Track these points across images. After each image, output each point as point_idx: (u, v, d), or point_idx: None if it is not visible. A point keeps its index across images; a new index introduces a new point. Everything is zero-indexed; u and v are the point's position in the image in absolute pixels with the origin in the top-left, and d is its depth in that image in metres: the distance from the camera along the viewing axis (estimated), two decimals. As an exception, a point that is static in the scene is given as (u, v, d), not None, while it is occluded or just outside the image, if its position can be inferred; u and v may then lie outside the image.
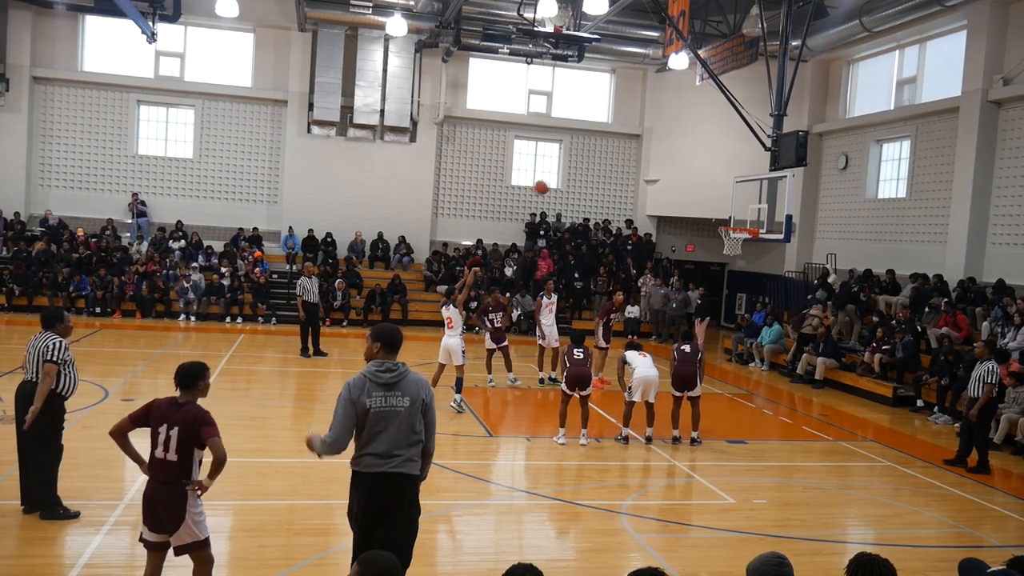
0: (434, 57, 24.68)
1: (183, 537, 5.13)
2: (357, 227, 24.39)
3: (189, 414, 5.12)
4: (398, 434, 4.92)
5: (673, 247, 27.24)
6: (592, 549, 7.53)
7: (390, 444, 4.90)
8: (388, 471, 4.90)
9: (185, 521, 5.09)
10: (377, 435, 4.88)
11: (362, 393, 4.88)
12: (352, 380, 4.95)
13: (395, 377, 4.96)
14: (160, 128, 24.27)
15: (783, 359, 18.96)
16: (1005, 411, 12.32)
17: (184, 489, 5.10)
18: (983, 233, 17.94)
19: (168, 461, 5.11)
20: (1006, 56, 17.58)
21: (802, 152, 15.43)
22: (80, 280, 20.57)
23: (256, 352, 17.44)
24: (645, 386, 11.09)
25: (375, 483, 4.91)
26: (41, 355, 7.07)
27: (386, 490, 4.91)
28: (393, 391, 4.93)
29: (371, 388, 4.89)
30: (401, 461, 4.93)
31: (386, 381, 4.93)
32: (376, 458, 4.88)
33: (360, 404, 4.85)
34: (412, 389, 5.00)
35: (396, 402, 4.92)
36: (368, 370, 4.97)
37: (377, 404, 4.88)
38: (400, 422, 4.92)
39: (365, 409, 4.86)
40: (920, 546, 8.01)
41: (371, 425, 4.88)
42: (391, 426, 4.90)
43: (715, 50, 20.06)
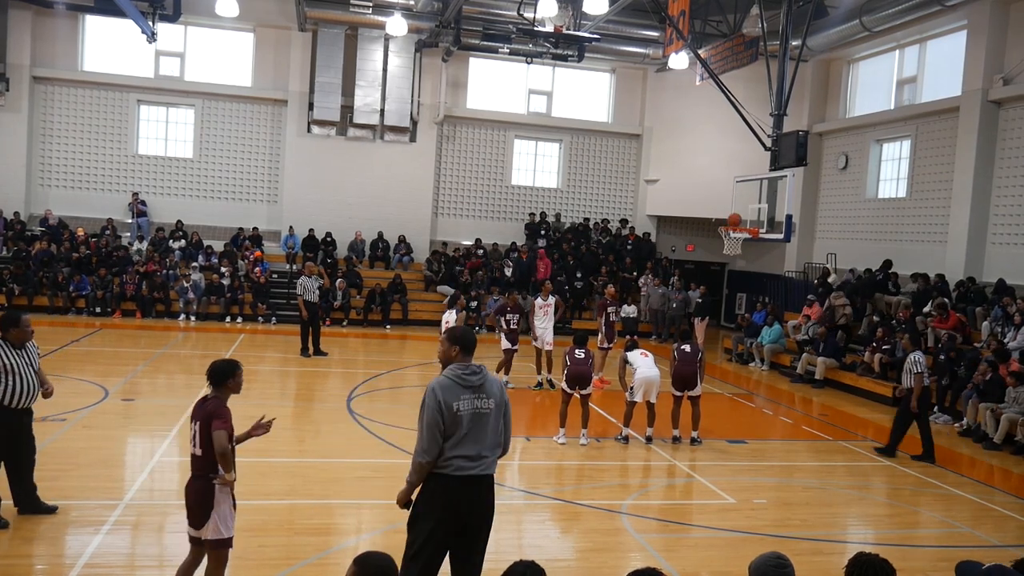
0: (434, 57, 24.68)
1: (208, 532, 5.25)
2: (357, 227, 24.39)
3: (207, 409, 5.28)
4: (486, 436, 4.93)
5: (673, 247, 27.24)
6: (592, 549, 7.53)
7: (479, 446, 4.90)
8: (478, 474, 4.89)
9: (212, 516, 5.22)
10: (466, 438, 4.85)
11: (452, 396, 4.83)
12: (439, 383, 4.87)
13: (481, 379, 4.95)
14: (160, 128, 24.26)
15: (784, 359, 18.98)
16: (1005, 411, 12.32)
17: (211, 483, 5.23)
18: (983, 233, 17.93)
19: (195, 456, 5.30)
20: (1006, 56, 17.57)
21: (802, 152, 15.43)
22: (80, 280, 20.56)
23: (256, 352, 17.44)
24: (647, 386, 11.10)
25: (466, 486, 4.86)
26: None
27: (476, 493, 4.91)
28: (479, 394, 4.92)
29: (459, 391, 4.87)
30: (489, 463, 4.97)
31: (474, 384, 4.92)
32: (467, 461, 4.85)
33: (449, 407, 4.80)
34: (495, 391, 5.03)
35: (483, 404, 4.92)
36: (454, 373, 4.92)
37: (466, 407, 4.86)
38: (487, 424, 4.94)
39: (454, 412, 4.81)
40: (920, 546, 8.01)
41: (461, 428, 4.83)
42: (480, 428, 4.90)
43: (715, 50, 20.06)
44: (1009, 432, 12.20)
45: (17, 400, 6.93)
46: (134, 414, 11.35)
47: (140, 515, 7.51)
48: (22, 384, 6.94)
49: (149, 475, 8.59)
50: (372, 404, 12.77)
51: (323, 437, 10.90)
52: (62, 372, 12.94)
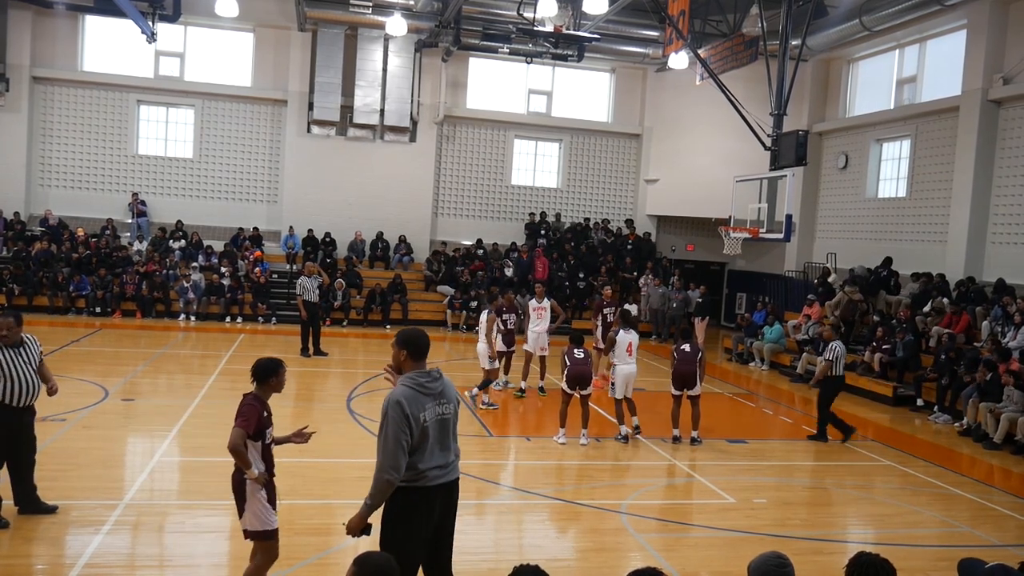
0: (434, 57, 24.68)
1: (246, 524, 5.42)
2: (357, 227, 24.39)
3: (239, 405, 5.40)
4: (450, 440, 4.87)
5: (673, 247, 27.24)
6: (592, 549, 7.53)
7: (447, 453, 4.83)
8: (451, 479, 4.86)
9: (246, 508, 5.37)
10: (436, 446, 4.74)
11: (417, 407, 4.64)
12: (402, 394, 4.63)
13: (440, 385, 4.80)
14: (160, 128, 24.27)
15: (784, 359, 18.99)
16: (1004, 411, 12.32)
17: (243, 477, 5.35)
18: (983, 232, 17.93)
19: None
20: (1006, 55, 17.57)
21: (802, 151, 15.42)
22: (80, 280, 20.57)
23: (256, 352, 17.34)
24: (627, 380, 11.10)
25: (442, 494, 4.82)
26: None
27: (450, 497, 4.90)
28: (440, 400, 4.78)
29: (423, 400, 4.68)
30: (456, 465, 4.93)
31: (435, 391, 4.75)
32: (440, 470, 4.76)
33: (416, 419, 4.61)
34: (451, 393, 4.90)
35: (445, 410, 4.80)
36: (416, 382, 4.70)
37: (431, 416, 4.71)
38: (450, 429, 4.86)
39: (421, 424, 4.63)
40: (920, 545, 8.01)
41: (429, 438, 4.69)
42: (445, 435, 4.80)
43: (715, 49, 20.06)
44: (1009, 431, 12.20)
45: (13, 398, 6.92)
46: (134, 414, 11.35)
47: (140, 515, 7.51)
48: (16, 382, 6.91)
49: (149, 475, 8.59)
50: (372, 404, 12.76)
51: (323, 437, 10.84)
52: (62, 372, 12.91)
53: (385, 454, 4.56)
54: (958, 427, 13.45)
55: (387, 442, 4.55)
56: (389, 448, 4.54)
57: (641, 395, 11.20)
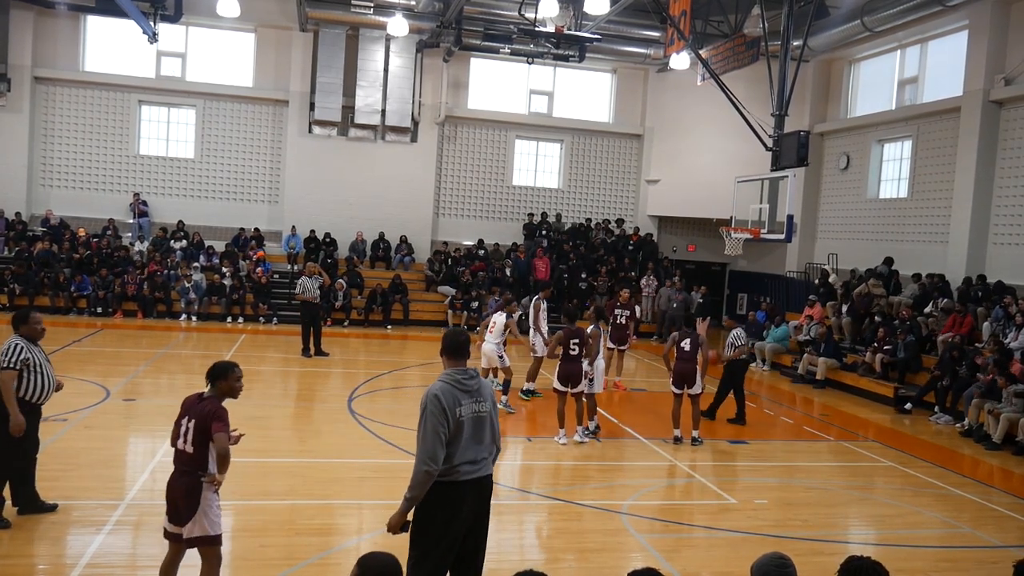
0: (435, 57, 24.69)
1: (194, 529, 5.24)
2: (358, 227, 24.39)
3: (205, 408, 5.30)
4: (484, 438, 4.96)
5: (674, 247, 27.24)
6: (593, 549, 7.53)
7: (480, 449, 4.93)
8: (481, 476, 4.93)
9: (198, 513, 5.21)
10: (469, 442, 4.85)
11: (454, 402, 4.80)
12: (439, 390, 4.82)
13: (477, 383, 4.96)
14: (161, 128, 24.28)
15: (786, 359, 18.99)
16: (1004, 411, 12.31)
17: (200, 481, 5.24)
18: (984, 233, 17.93)
19: (186, 452, 5.31)
20: (1007, 56, 17.56)
21: (803, 152, 15.41)
22: (81, 280, 20.58)
23: (257, 352, 17.44)
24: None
25: (473, 490, 4.88)
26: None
27: (480, 494, 4.95)
28: (477, 397, 4.91)
29: (460, 396, 4.84)
30: (488, 463, 5.01)
31: (472, 388, 4.91)
32: (472, 465, 4.86)
33: (453, 413, 4.77)
34: (488, 392, 5.04)
35: (481, 407, 4.93)
36: (453, 378, 4.89)
37: (467, 412, 4.85)
38: (485, 426, 4.96)
39: (457, 418, 4.79)
40: (921, 546, 8.00)
41: (464, 432, 4.82)
42: (479, 431, 4.91)
43: (716, 50, 20.06)
44: (1010, 432, 12.20)
45: (39, 396, 7.00)
46: (135, 414, 11.35)
47: (141, 515, 7.51)
48: (43, 380, 7.01)
49: (150, 475, 8.59)
50: (373, 404, 12.77)
51: (324, 437, 10.90)
52: (63, 372, 12.87)
53: (424, 446, 4.71)
54: (959, 428, 13.44)
55: (425, 434, 4.72)
56: (428, 440, 4.70)
57: (641, 395, 11.19)
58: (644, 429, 11.53)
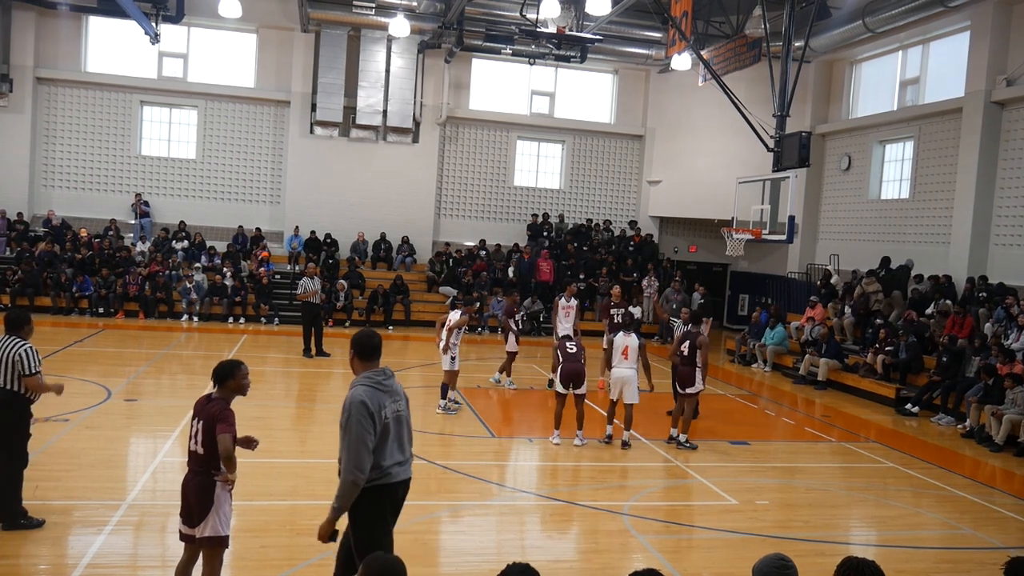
0: (437, 58, 24.70)
1: (206, 529, 5.27)
2: (360, 227, 24.40)
3: (212, 410, 5.32)
4: (407, 437, 4.99)
5: (676, 248, 27.23)
6: (594, 550, 7.53)
7: (405, 448, 4.95)
8: (409, 475, 4.97)
9: (211, 513, 5.24)
10: (395, 442, 4.85)
11: (377, 404, 4.76)
12: (364, 394, 4.75)
13: (393, 383, 4.95)
14: (163, 129, 24.30)
15: (787, 360, 18.98)
16: (1005, 412, 12.30)
17: (213, 480, 5.27)
18: (986, 234, 17.91)
19: (197, 453, 5.31)
20: (1009, 57, 17.55)
21: (805, 153, 15.41)
22: (83, 280, 20.60)
23: (259, 353, 17.45)
24: (618, 384, 10.89)
25: (403, 490, 4.92)
26: (16, 367, 6.73)
27: (405, 494, 4.99)
28: (395, 397, 4.91)
29: (382, 397, 4.81)
30: (411, 462, 5.03)
31: (391, 388, 4.90)
32: (400, 466, 4.88)
33: (380, 416, 4.74)
34: (402, 391, 5.03)
35: (400, 407, 4.93)
36: (373, 380, 4.84)
37: (391, 413, 4.83)
38: (405, 426, 4.97)
39: (383, 420, 4.76)
40: (922, 547, 8.00)
41: (390, 433, 4.81)
42: (401, 431, 4.91)
43: (718, 51, 20.05)
44: (1012, 434, 12.19)
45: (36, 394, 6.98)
46: (137, 415, 11.37)
47: (143, 515, 7.52)
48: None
49: (152, 475, 8.60)
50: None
51: (325, 438, 10.89)
52: (65, 372, 12.95)
53: (350, 455, 4.63)
54: (960, 429, 13.43)
55: (351, 443, 4.63)
56: (354, 449, 4.62)
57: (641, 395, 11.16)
58: (645, 430, 11.53)
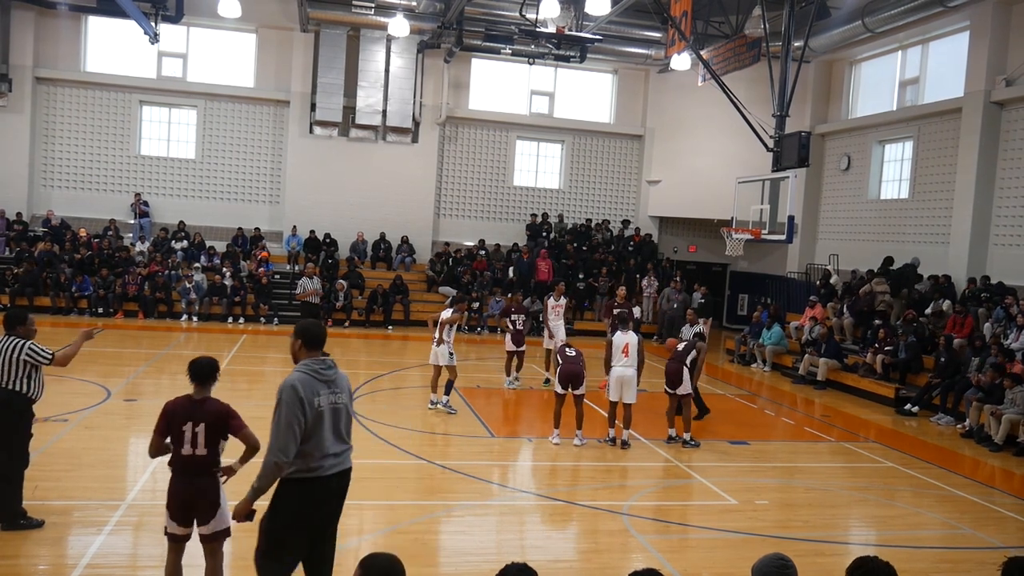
0: (436, 58, 24.69)
1: (218, 524, 5.33)
2: (359, 227, 24.40)
3: (214, 409, 5.36)
4: (344, 429, 4.87)
5: (675, 248, 27.23)
6: (594, 550, 7.53)
7: (340, 441, 4.84)
8: (344, 469, 4.87)
9: (220, 509, 5.31)
10: (329, 434, 4.76)
11: (311, 392, 4.69)
12: (297, 380, 4.69)
13: (334, 373, 4.86)
14: (162, 128, 24.29)
15: (786, 360, 18.99)
16: (1005, 412, 12.31)
17: (216, 479, 5.32)
18: (985, 234, 17.92)
19: (198, 456, 5.31)
20: (1009, 57, 17.56)
21: (804, 153, 15.42)
22: (82, 280, 20.59)
23: (258, 353, 17.45)
24: (618, 384, 10.88)
25: (334, 484, 4.82)
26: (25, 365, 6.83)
27: (341, 488, 4.90)
28: (333, 388, 4.82)
29: (318, 386, 4.73)
30: (349, 455, 4.92)
31: (329, 378, 4.81)
32: (335, 458, 4.79)
33: (311, 404, 4.67)
34: (345, 383, 4.94)
35: (338, 399, 4.83)
36: (311, 368, 4.76)
37: (326, 402, 4.75)
38: (342, 418, 4.87)
39: (316, 409, 4.68)
40: (922, 547, 8.00)
41: (323, 424, 4.72)
42: (339, 423, 4.83)
43: (717, 51, 20.05)
44: (1011, 433, 12.20)
45: (39, 394, 7.04)
46: (136, 415, 11.34)
47: (142, 515, 7.51)
48: (42, 378, 7.10)
49: (151, 475, 8.59)
50: (374, 405, 12.76)
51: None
52: (64, 373, 12.91)
53: (276, 437, 4.60)
54: (960, 429, 13.43)
55: (279, 426, 4.61)
56: (281, 431, 4.59)
57: (641, 395, 11.18)
58: (644, 430, 11.53)
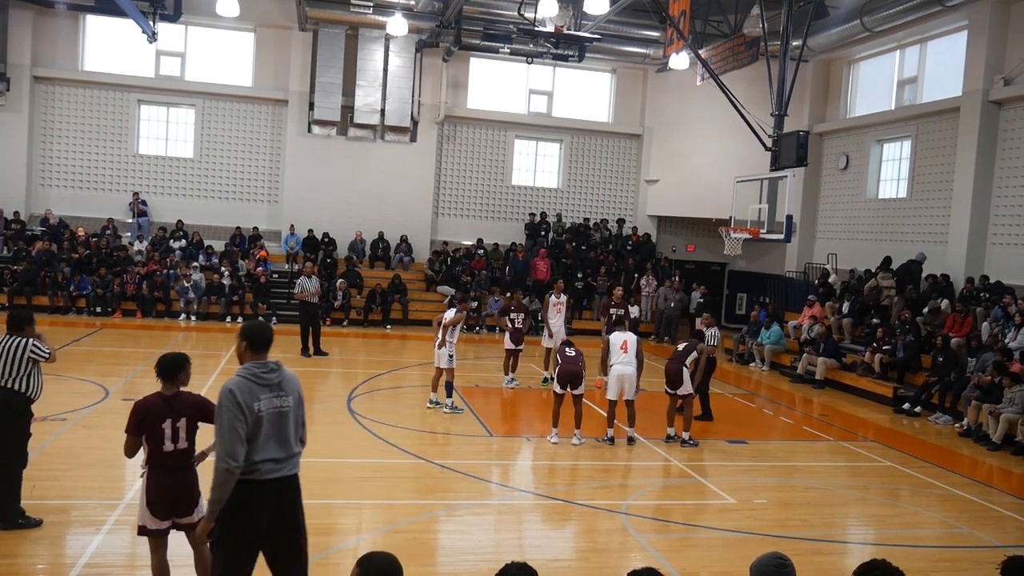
0: (435, 57, 24.68)
1: (197, 514, 5.40)
2: (358, 227, 24.39)
3: (191, 402, 5.43)
4: (289, 435, 4.77)
5: (674, 247, 27.23)
6: (593, 549, 7.53)
7: (285, 446, 4.73)
8: (287, 475, 4.74)
9: (200, 499, 5.39)
10: (270, 439, 4.65)
11: (251, 397, 4.59)
12: (235, 384, 4.60)
13: (278, 376, 4.75)
14: (161, 128, 24.27)
15: (785, 359, 19.01)
16: (1003, 411, 12.32)
17: (195, 467, 5.43)
18: (984, 233, 17.94)
19: (180, 450, 5.42)
20: (1007, 56, 17.57)
21: (803, 152, 15.43)
22: (81, 279, 20.57)
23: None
24: (619, 382, 10.87)
25: (277, 489, 4.69)
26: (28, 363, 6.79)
27: (285, 494, 4.75)
28: (278, 392, 4.72)
29: (258, 390, 4.63)
30: (295, 462, 4.81)
31: (272, 382, 4.71)
32: (275, 463, 4.66)
33: (250, 408, 4.57)
34: (292, 386, 4.82)
35: (283, 402, 4.73)
36: (251, 372, 4.67)
37: (267, 406, 4.64)
38: (289, 422, 4.76)
39: (256, 413, 4.58)
40: (920, 546, 8.01)
41: (264, 429, 4.61)
42: (282, 428, 4.72)
43: (716, 50, 20.06)
44: (1009, 432, 12.21)
45: (39, 393, 7.00)
46: (135, 414, 11.34)
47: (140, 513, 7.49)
48: (42, 378, 7.06)
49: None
50: (372, 404, 12.76)
51: (323, 437, 10.88)
52: (63, 372, 12.94)
53: (221, 443, 4.53)
54: (958, 428, 13.45)
55: (223, 432, 4.54)
56: (226, 436, 4.52)
57: (640, 395, 11.19)
58: (643, 429, 11.53)
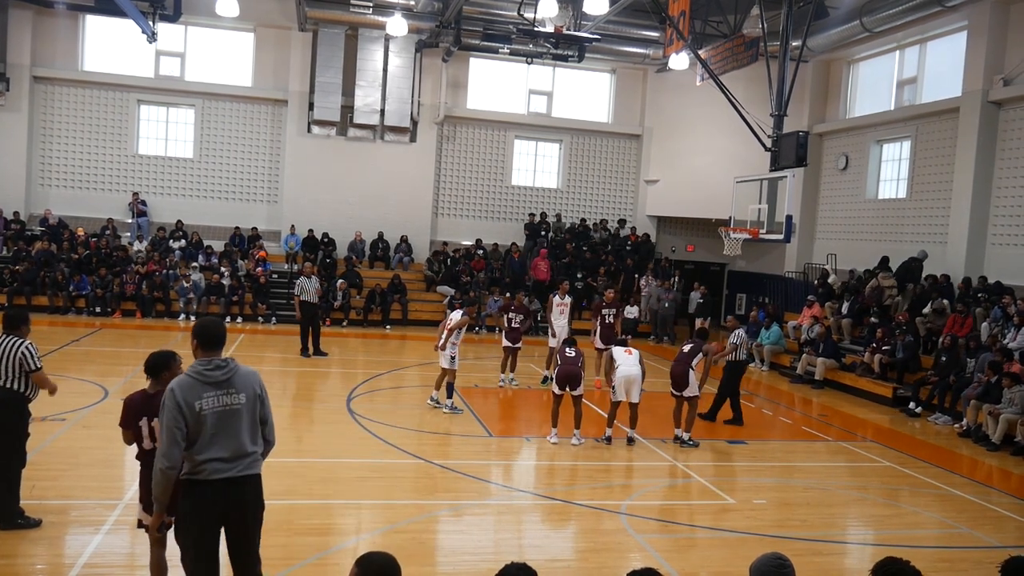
0: (434, 57, 24.68)
1: None
2: (357, 227, 24.38)
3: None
4: (240, 434, 4.63)
5: (673, 247, 27.24)
6: (592, 549, 7.53)
7: (236, 446, 4.61)
8: (238, 475, 4.62)
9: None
10: (216, 438, 4.54)
11: (193, 395, 4.51)
12: (178, 382, 4.55)
13: (227, 374, 4.63)
14: (160, 128, 24.26)
15: (784, 359, 19.00)
16: (1003, 411, 12.32)
17: None
18: (983, 233, 17.94)
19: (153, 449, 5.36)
20: (1006, 56, 17.58)
21: (802, 152, 15.43)
22: (80, 280, 20.57)
23: (256, 352, 17.43)
24: (626, 384, 10.91)
25: (224, 489, 4.59)
26: (20, 365, 6.77)
27: (238, 495, 4.66)
28: (227, 389, 4.60)
29: (201, 389, 4.53)
30: (250, 462, 4.70)
31: (218, 379, 4.59)
32: (222, 463, 4.56)
33: (191, 407, 4.48)
34: (247, 383, 4.72)
35: (232, 400, 4.61)
36: (195, 370, 4.58)
37: (210, 405, 4.53)
38: (240, 421, 4.64)
39: (196, 412, 4.49)
40: (919, 547, 8.00)
41: (208, 428, 4.52)
42: (231, 426, 4.59)
43: (715, 50, 20.06)
44: (1008, 433, 12.21)
45: (36, 393, 6.99)
46: (134, 414, 11.33)
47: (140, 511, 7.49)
48: None
49: (149, 475, 8.59)
50: (372, 404, 12.76)
51: (323, 437, 10.90)
52: (62, 372, 12.93)
53: (161, 443, 4.55)
54: (958, 428, 13.45)
55: (162, 432, 4.52)
56: (163, 437, 4.51)
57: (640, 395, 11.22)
58: (642, 429, 11.52)
